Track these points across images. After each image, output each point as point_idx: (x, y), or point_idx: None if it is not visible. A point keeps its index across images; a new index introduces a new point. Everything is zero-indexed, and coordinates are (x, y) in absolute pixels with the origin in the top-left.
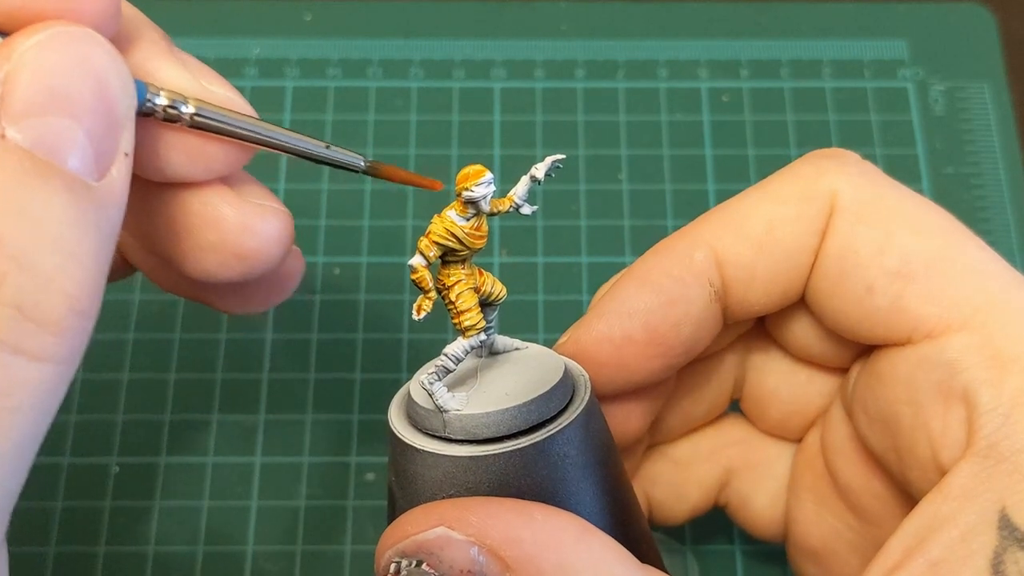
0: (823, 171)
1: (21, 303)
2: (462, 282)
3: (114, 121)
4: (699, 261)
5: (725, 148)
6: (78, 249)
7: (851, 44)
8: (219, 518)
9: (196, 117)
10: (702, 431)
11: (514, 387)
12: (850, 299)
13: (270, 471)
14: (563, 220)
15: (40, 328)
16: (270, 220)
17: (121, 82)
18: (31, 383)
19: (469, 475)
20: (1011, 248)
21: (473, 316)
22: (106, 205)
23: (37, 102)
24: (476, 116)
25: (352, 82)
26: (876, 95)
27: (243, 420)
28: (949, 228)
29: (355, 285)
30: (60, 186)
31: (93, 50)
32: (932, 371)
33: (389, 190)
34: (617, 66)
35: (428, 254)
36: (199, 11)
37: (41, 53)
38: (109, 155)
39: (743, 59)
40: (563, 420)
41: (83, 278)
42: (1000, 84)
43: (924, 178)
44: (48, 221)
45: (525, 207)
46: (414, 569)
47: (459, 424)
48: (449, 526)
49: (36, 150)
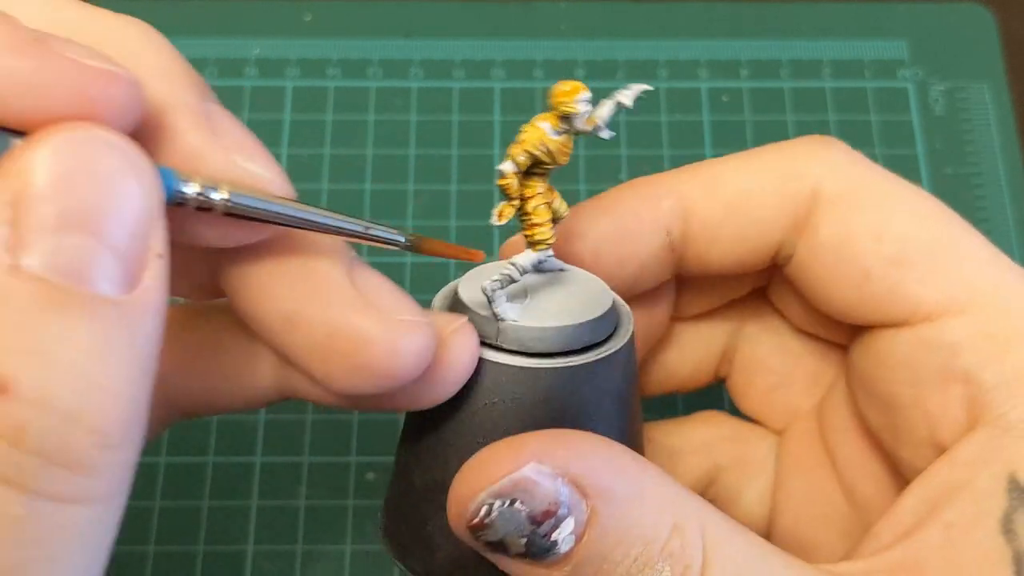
0: (810, 154)
1: (44, 449)
2: (541, 195)
3: (139, 227)
4: (665, 208)
5: (725, 148)
6: (105, 379)
7: (851, 44)
8: (219, 518)
9: (229, 204)
10: (692, 424)
11: (567, 307)
12: (847, 284)
13: (270, 471)
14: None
15: (70, 471)
16: (416, 338)
17: (142, 183)
18: (69, 528)
19: (517, 386)
20: (1011, 248)
21: (545, 231)
22: (140, 317)
23: (51, 222)
24: (476, 116)
25: (352, 82)
26: (876, 95)
27: (243, 420)
28: (942, 215)
29: None
30: (81, 313)
31: (107, 155)
32: (932, 353)
33: (390, 192)
34: (617, 66)
35: (518, 160)
36: (199, 11)
37: (49, 167)
38: (139, 262)
39: (743, 59)
40: (612, 345)
41: (113, 408)
42: (1000, 84)
43: (924, 178)
44: (71, 356)
45: (605, 131)
46: (507, 509)
47: (514, 334)
48: (539, 461)
49: (54, 277)
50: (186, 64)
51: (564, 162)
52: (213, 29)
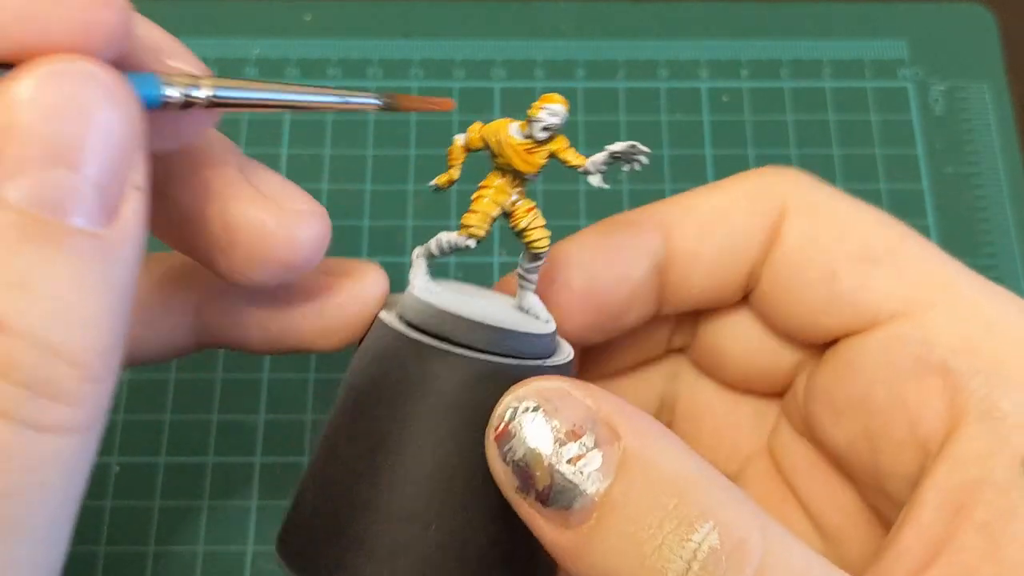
0: (776, 178)
1: (31, 382)
2: (491, 189)
3: (119, 159)
4: (648, 231)
5: (725, 148)
6: (87, 312)
7: (851, 44)
8: (219, 518)
9: (215, 98)
10: None
11: (484, 311)
12: (814, 287)
13: (270, 471)
14: (563, 220)
15: (55, 402)
16: (313, 226)
17: (123, 115)
18: (55, 456)
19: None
20: (1011, 247)
21: (474, 219)
22: (119, 250)
23: (33, 155)
24: (476, 116)
25: (352, 82)
26: (876, 95)
27: (243, 420)
28: (898, 224)
29: None
30: (62, 247)
31: (90, 88)
32: (905, 348)
33: (390, 190)
34: (617, 66)
35: (470, 136)
36: (199, 11)
37: (32, 101)
38: (118, 195)
39: (743, 59)
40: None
41: (95, 342)
42: (1000, 84)
43: (924, 178)
44: (52, 289)
45: (595, 177)
46: (529, 413)
47: (404, 300)
48: (572, 386)
49: (35, 210)
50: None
51: (520, 167)
52: (213, 29)
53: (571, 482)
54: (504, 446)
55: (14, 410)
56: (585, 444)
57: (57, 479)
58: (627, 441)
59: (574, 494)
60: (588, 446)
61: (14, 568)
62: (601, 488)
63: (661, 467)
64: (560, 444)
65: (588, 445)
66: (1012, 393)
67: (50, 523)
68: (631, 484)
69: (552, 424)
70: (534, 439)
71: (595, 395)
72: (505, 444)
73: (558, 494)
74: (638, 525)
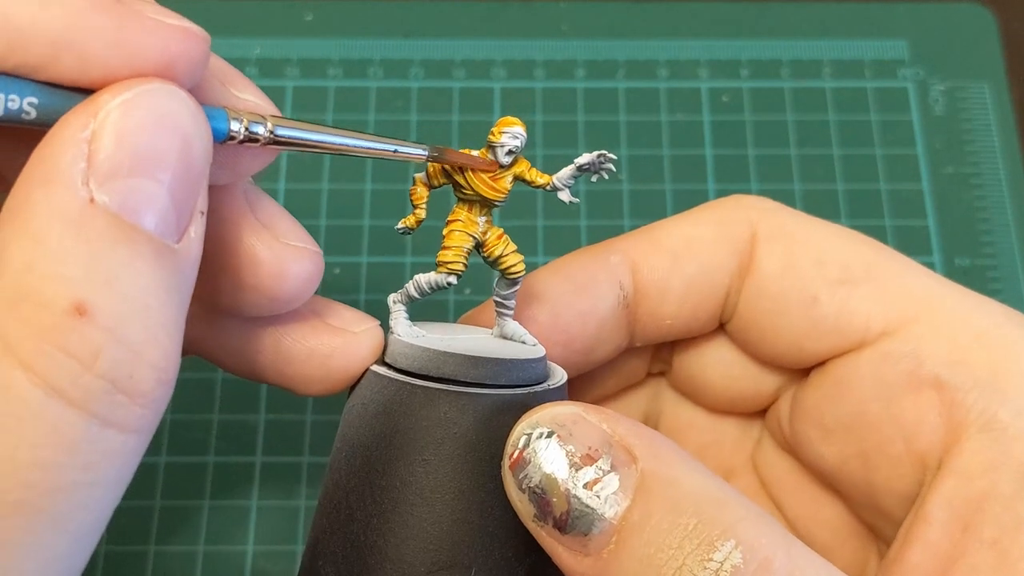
0: (743, 205)
1: (115, 376)
2: (460, 221)
3: (195, 181)
4: (614, 263)
5: (725, 148)
6: (165, 318)
7: (851, 44)
8: (219, 518)
9: (274, 137)
10: None
11: (474, 345)
12: (795, 314)
13: (270, 471)
14: (563, 220)
15: (131, 400)
16: (304, 264)
17: (203, 141)
18: (116, 454)
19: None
20: (1011, 247)
21: (450, 254)
22: (185, 268)
23: (123, 163)
24: (476, 116)
25: (352, 82)
26: (876, 95)
27: (243, 420)
28: (871, 241)
29: (355, 285)
30: (147, 252)
31: (178, 108)
32: (896, 364)
33: (390, 192)
34: (617, 66)
35: (430, 171)
36: (199, 11)
37: (126, 112)
38: (188, 216)
39: (743, 59)
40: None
41: (169, 347)
42: (1000, 84)
43: (924, 178)
44: (138, 290)
45: (564, 192)
46: (543, 439)
47: (394, 348)
48: (584, 411)
49: (123, 213)
50: None
51: (488, 194)
52: (213, 29)
53: (589, 507)
54: (520, 473)
55: (91, 402)
56: (601, 467)
57: (113, 478)
58: (644, 462)
59: (592, 519)
60: (604, 469)
61: (55, 564)
62: (620, 511)
63: (680, 486)
64: (576, 469)
65: (604, 468)
66: (1009, 403)
67: (94, 520)
68: (650, 505)
69: (567, 448)
70: (549, 464)
71: (609, 418)
72: (521, 471)
73: (576, 520)
74: (658, 547)
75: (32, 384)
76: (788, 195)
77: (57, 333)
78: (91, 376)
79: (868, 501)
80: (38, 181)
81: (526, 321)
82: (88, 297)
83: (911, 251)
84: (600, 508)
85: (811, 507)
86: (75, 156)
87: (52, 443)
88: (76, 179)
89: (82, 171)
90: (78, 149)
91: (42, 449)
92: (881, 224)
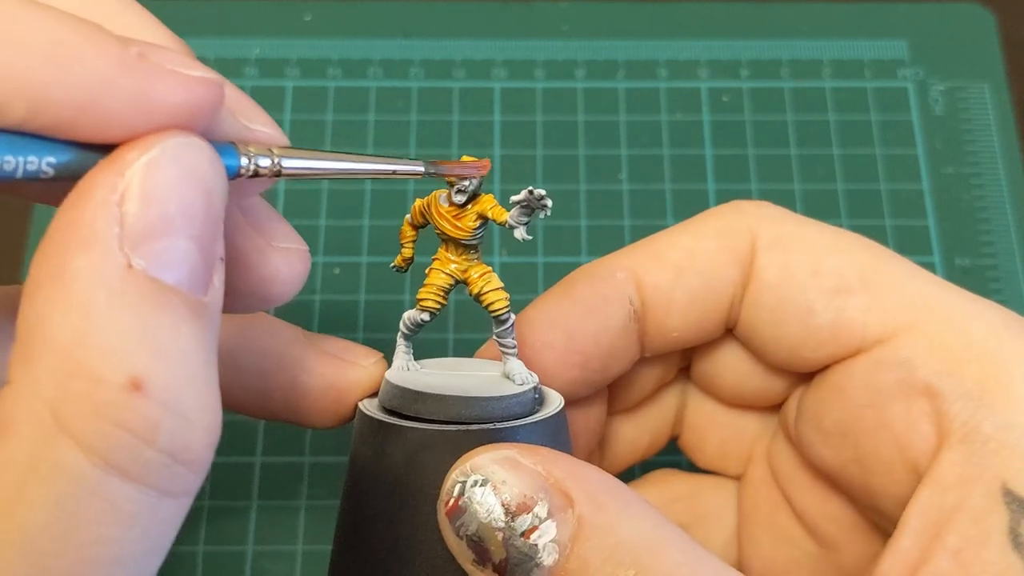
0: (743, 212)
1: (174, 448)
2: (438, 261)
3: (217, 230)
4: (620, 280)
5: (725, 148)
6: (210, 378)
7: (851, 44)
8: (219, 518)
9: (280, 169)
10: (645, 489)
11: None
12: (792, 324)
13: (270, 471)
14: (563, 220)
15: (188, 469)
16: (295, 266)
17: (222, 188)
18: (171, 521)
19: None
20: (1011, 247)
21: (424, 292)
22: (215, 318)
23: (155, 225)
24: (476, 116)
25: (352, 82)
26: (876, 95)
27: (243, 420)
28: (870, 246)
29: (355, 285)
30: (186, 313)
31: (201, 160)
32: (889, 372)
33: (390, 192)
34: (617, 66)
35: (412, 212)
36: (199, 11)
37: (153, 171)
38: (212, 264)
39: (743, 59)
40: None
41: (216, 406)
42: (1000, 84)
43: (924, 178)
44: (184, 355)
45: (519, 230)
46: (478, 488)
47: (384, 387)
48: (519, 453)
49: (160, 276)
50: None
51: (454, 233)
52: (213, 29)
53: (526, 555)
54: (456, 521)
55: (152, 476)
56: (538, 515)
57: (166, 543)
58: (580, 508)
59: (531, 567)
60: (541, 517)
61: None
62: (557, 559)
63: (617, 533)
64: (512, 518)
65: (541, 516)
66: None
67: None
68: (587, 555)
69: (502, 497)
70: (486, 514)
71: (546, 460)
72: (457, 519)
73: (515, 567)
74: None
75: (91, 463)
76: (788, 195)
77: (115, 410)
78: (152, 451)
79: (869, 503)
80: (74, 248)
81: (542, 348)
82: (142, 370)
83: (911, 251)
84: (538, 556)
85: (818, 502)
86: (108, 220)
87: (113, 520)
88: (113, 244)
89: (117, 236)
90: (111, 213)
91: (103, 527)
92: (881, 224)
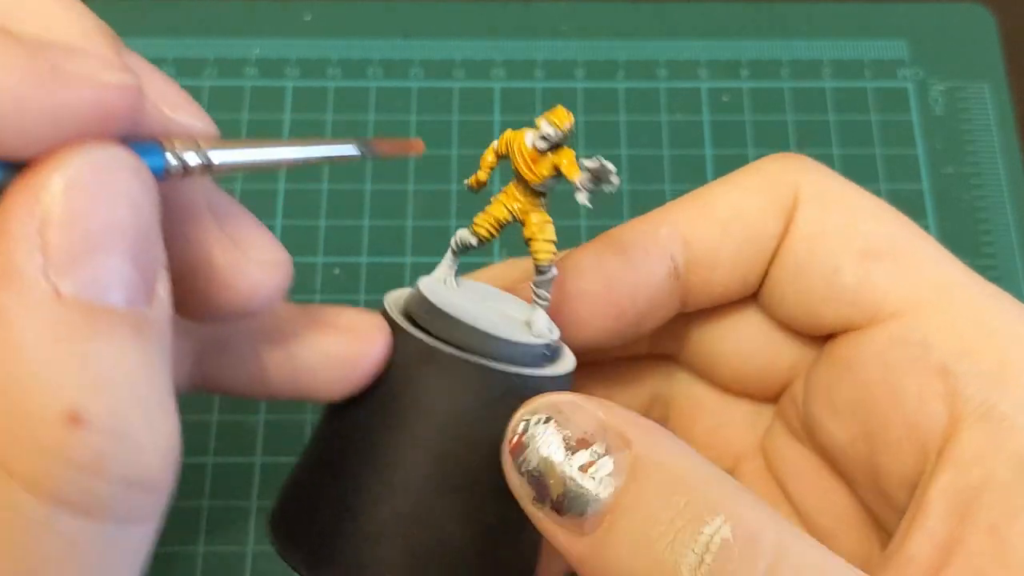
0: (787, 167)
1: (126, 474)
2: (503, 194)
3: (151, 238)
4: (664, 235)
5: (725, 148)
6: (158, 394)
7: (851, 44)
8: (219, 518)
9: (210, 164)
10: None
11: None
12: (817, 280)
13: (270, 471)
14: (563, 220)
15: (146, 494)
16: (276, 279)
17: (151, 195)
18: (138, 548)
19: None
20: (1011, 247)
21: (481, 218)
22: (162, 328)
23: (80, 247)
24: (476, 116)
25: (352, 82)
26: (876, 95)
27: (243, 420)
28: (908, 222)
29: (355, 285)
30: (126, 331)
31: (121, 170)
32: (905, 349)
33: (389, 192)
34: (617, 66)
35: (498, 141)
36: (199, 11)
37: (72, 190)
38: (152, 274)
39: (743, 59)
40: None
41: (169, 424)
42: (1000, 84)
43: (924, 178)
44: (127, 377)
45: (581, 194)
46: (541, 425)
47: (411, 296)
48: (582, 399)
49: (92, 299)
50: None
51: (525, 174)
52: (213, 29)
53: (584, 488)
54: (519, 457)
55: (107, 508)
56: (596, 451)
57: (135, 568)
58: (637, 447)
59: (587, 500)
60: (599, 453)
61: None
62: (613, 492)
63: (671, 468)
64: (572, 452)
65: (599, 452)
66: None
67: None
68: (642, 486)
69: (563, 433)
70: (546, 448)
71: (606, 407)
72: (519, 455)
73: (571, 501)
74: (650, 524)
75: (41, 503)
76: None
77: (57, 446)
78: (102, 482)
79: (872, 483)
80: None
81: (578, 295)
82: (79, 402)
83: None
84: (594, 489)
85: (817, 495)
86: (29, 251)
87: (74, 555)
88: (37, 275)
89: (40, 266)
90: (31, 243)
91: (64, 564)
92: None
